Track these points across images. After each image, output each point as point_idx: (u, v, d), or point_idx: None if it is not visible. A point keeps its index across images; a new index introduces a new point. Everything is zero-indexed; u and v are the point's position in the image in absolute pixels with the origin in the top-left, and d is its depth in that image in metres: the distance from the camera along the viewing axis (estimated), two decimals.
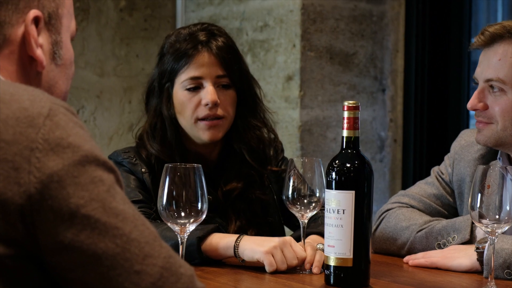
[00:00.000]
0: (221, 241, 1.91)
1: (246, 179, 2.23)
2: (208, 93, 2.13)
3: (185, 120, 2.18)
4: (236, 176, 2.22)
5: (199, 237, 1.90)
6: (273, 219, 2.28)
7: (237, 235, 1.91)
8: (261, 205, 2.26)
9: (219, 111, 2.15)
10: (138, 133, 2.25)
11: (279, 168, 2.32)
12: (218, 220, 2.17)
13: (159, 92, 2.21)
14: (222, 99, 2.16)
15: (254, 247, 1.86)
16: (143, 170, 2.16)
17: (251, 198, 2.23)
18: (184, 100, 2.16)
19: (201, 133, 2.16)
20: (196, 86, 2.15)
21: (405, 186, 3.70)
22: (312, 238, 2.02)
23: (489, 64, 2.03)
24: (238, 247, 1.88)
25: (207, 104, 2.14)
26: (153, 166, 2.16)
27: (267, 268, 1.84)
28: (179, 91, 2.17)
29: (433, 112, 3.79)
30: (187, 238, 1.88)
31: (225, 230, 2.15)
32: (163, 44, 2.23)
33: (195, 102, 2.15)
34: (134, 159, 2.17)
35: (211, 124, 2.15)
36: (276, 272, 1.84)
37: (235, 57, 2.20)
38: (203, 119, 2.15)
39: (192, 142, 2.21)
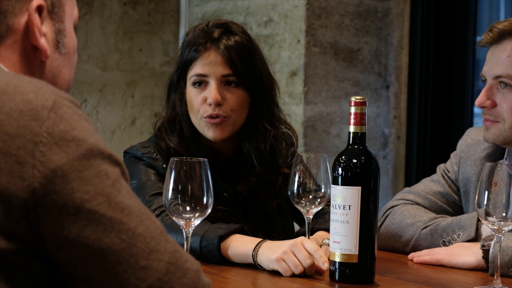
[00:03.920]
0: (241, 247, 1.86)
1: (257, 181, 2.19)
2: (211, 92, 2.10)
3: (194, 117, 2.15)
4: (247, 177, 2.19)
5: (220, 236, 1.87)
6: (287, 222, 2.25)
7: (256, 242, 1.85)
8: (277, 208, 2.22)
9: (223, 111, 2.11)
10: (158, 124, 2.23)
11: (289, 170, 2.28)
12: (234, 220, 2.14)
13: (176, 87, 2.19)
14: (228, 98, 2.12)
15: (269, 255, 1.80)
16: (164, 166, 2.11)
17: (263, 199, 2.20)
18: (192, 96, 2.14)
19: (205, 131, 2.14)
20: (200, 81, 2.13)
21: (408, 183, 3.69)
22: (319, 234, 2.00)
23: (498, 61, 2.02)
24: (256, 256, 1.83)
25: (210, 104, 2.12)
26: None
27: (283, 274, 1.78)
28: (189, 88, 2.15)
29: (437, 109, 3.78)
30: (208, 236, 1.86)
31: None
32: (183, 39, 2.22)
33: (201, 100, 2.12)
34: (154, 154, 2.14)
35: (213, 122, 2.11)
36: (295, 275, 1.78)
37: (246, 56, 2.14)
38: (207, 117, 2.13)
39: (206, 138, 2.18)
